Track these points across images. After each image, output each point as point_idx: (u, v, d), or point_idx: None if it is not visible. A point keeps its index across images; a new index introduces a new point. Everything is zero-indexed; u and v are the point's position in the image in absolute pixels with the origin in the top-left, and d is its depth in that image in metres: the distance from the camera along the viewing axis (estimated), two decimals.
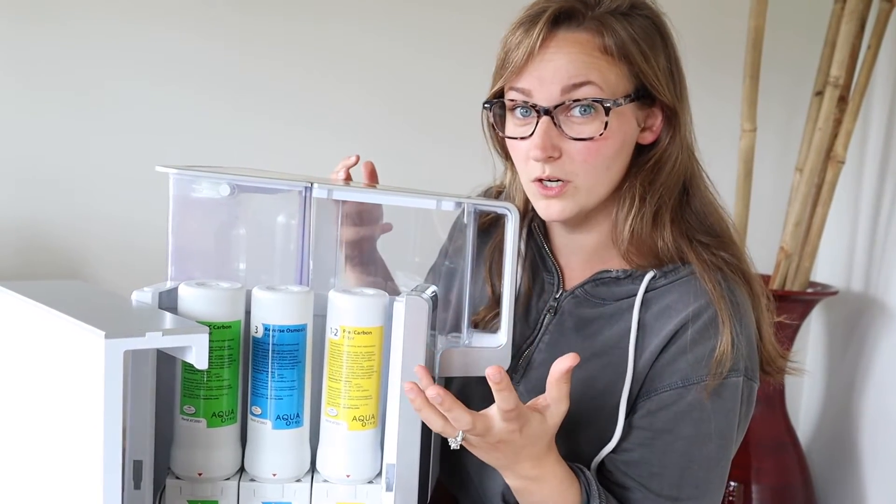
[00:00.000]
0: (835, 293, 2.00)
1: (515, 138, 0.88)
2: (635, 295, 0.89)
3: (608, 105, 0.83)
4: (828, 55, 1.94)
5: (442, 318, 0.88)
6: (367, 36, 2.01)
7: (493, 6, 0.92)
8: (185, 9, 1.94)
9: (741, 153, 1.95)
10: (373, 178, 1.02)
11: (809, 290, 2.00)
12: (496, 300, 0.96)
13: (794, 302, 1.94)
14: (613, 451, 0.86)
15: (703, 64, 2.09)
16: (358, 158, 1.00)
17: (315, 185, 0.85)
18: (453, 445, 0.77)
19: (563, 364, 0.77)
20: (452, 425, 0.76)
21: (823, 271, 2.19)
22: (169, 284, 0.82)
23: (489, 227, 1.02)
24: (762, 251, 2.03)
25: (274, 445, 0.80)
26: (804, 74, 2.05)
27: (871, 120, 2.07)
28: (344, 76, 2.01)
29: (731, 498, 1.91)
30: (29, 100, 1.89)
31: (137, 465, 0.77)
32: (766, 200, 2.09)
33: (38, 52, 1.89)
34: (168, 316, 0.75)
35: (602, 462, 0.87)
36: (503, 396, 0.74)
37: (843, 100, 1.91)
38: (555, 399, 0.78)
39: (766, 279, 1.98)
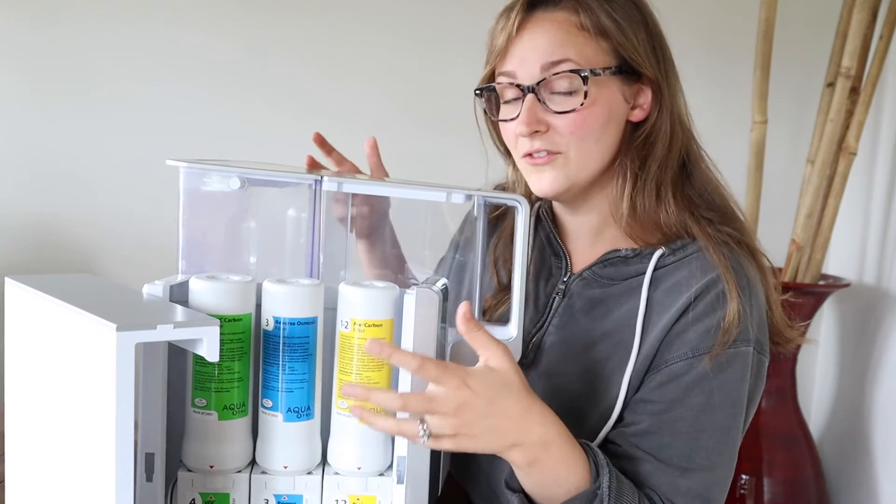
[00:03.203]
0: (847, 286, 1.99)
1: (506, 120, 0.91)
2: (644, 273, 0.89)
3: (585, 74, 0.86)
4: (839, 46, 1.93)
5: (453, 311, 0.88)
6: (375, 32, 2.01)
7: (498, 4, 0.93)
8: (193, 7, 1.94)
9: (752, 145, 1.94)
10: (374, 152, 1.07)
11: (821, 283, 2.00)
12: (502, 288, 0.98)
13: (806, 294, 1.93)
14: (623, 424, 0.86)
15: (713, 56, 2.08)
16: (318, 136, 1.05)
17: (325, 178, 0.85)
18: (422, 443, 0.74)
19: (460, 315, 0.76)
20: (405, 430, 0.74)
21: (835, 263, 2.18)
22: (180, 278, 0.83)
23: (497, 220, 1.04)
24: (773, 243, 2.02)
25: (285, 438, 0.80)
26: (815, 65, 2.04)
27: (883, 111, 2.06)
28: (352, 72, 2.01)
29: (742, 491, 1.90)
30: (41, 98, 1.90)
31: (149, 458, 0.77)
32: (778, 192, 2.08)
33: (50, 51, 1.89)
34: (179, 309, 0.75)
35: (611, 438, 0.86)
36: (397, 360, 0.73)
37: (854, 91, 1.90)
38: (482, 348, 0.76)
39: (777, 272, 1.97)
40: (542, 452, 0.77)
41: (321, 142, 1.06)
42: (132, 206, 1.94)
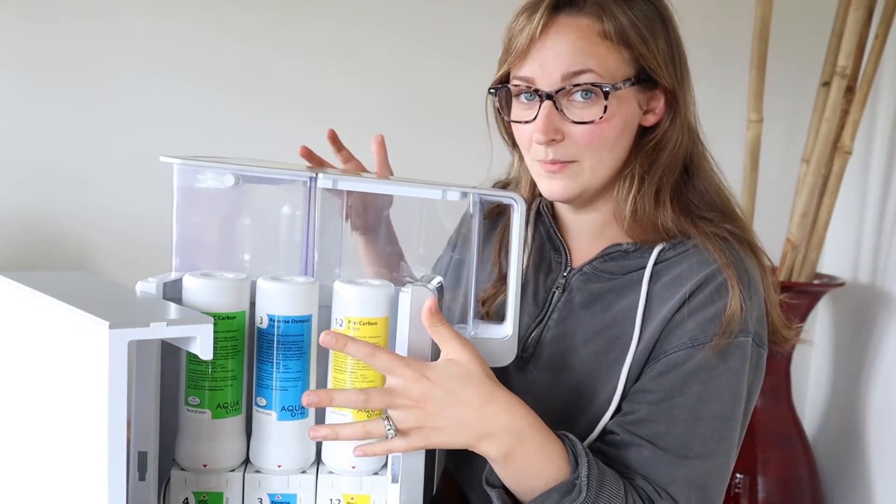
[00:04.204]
0: (841, 285, 1.99)
1: (520, 122, 0.90)
2: (644, 267, 0.89)
3: (607, 89, 0.85)
4: (835, 45, 1.93)
5: (449, 309, 0.88)
6: (372, 30, 2.01)
7: (498, 2, 0.93)
8: (190, 4, 1.93)
9: (747, 144, 1.94)
10: (381, 148, 1.09)
11: (816, 282, 2.00)
12: (501, 278, 0.98)
13: (801, 293, 1.93)
14: (621, 414, 0.86)
15: (709, 54, 2.08)
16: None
17: (320, 176, 0.85)
18: (390, 436, 0.75)
19: (425, 310, 0.77)
20: (372, 430, 0.75)
21: (830, 263, 2.18)
22: (173, 275, 0.82)
23: (498, 215, 1.04)
24: (768, 242, 1.99)
25: (279, 437, 0.80)
26: (811, 65, 2.04)
27: (879, 110, 2.06)
28: (348, 69, 2.01)
29: (737, 490, 1.90)
30: (35, 94, 1.89)
31: (142, 457, 0.77)
32: (773, 191, 2.08)
33: (46, 47, 1.88)
34: (172, 306, 0.74)
35: (609, 427, 0.86)
36: (351, 350, 0.75)
37: (850, 90, 1.90)
38: (444, 342, 0.77)
39: (772, 270, 1.97)
40: (514, 443, 0.77)
41: (334, 138, 1.08)
42: (126, 202, 1.93)
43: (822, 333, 2.24)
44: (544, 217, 1.00)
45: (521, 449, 0.77)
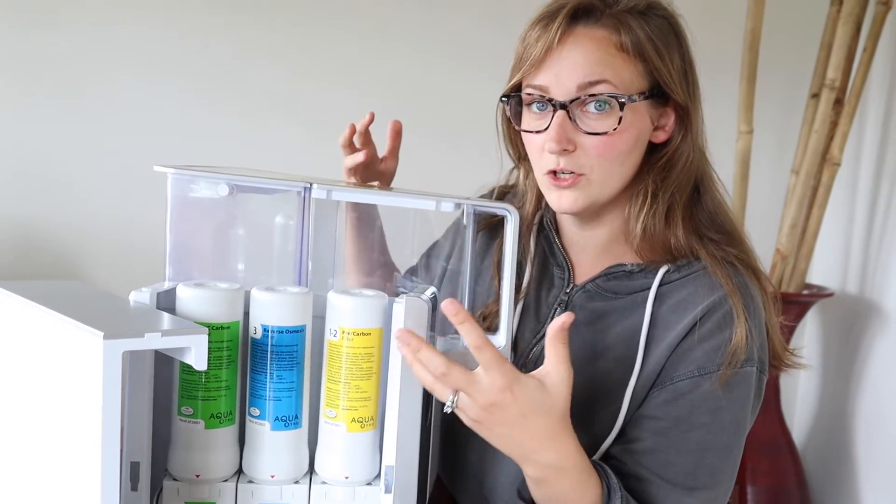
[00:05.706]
0: (830, 295, 2.00)
1: (531, 132, 0.89)
2: (649, 288, 0.89)
3: (623, 101, 0.85)
4: (824, 58, 1.95)
5: (444, 321, 0.88)
6: (366, 37, 2.01)
7: (491, 8, 0.93)
8: (184, 11, 1.93)
9: (737, 155, 1.96)
10: (397, 137, 1.09)
11: (805, 292, 2.01)
12: None
13: (790, 304, 1.94)
14: (626, 440, 0.86)
15: (700, 66, 2.08)
16: (372, 116, 1.06)
17: (314, 186, 0.85)
18: (446, 409, 0.75)
19: (558, 322, 0.76)
20: (439, 390, 0.76)
21: (819, 273, 2.19)
22: (167, 285, 0.82)
23: (497, 225, 1.03)
24: (758, 252, 2.02)
25: (272, 447, 0.80)
26: (800, 77, 2.05)
27: (867, 122, 2.08)
28: (343, 77, 2.01)
29: None
30: (27, 100, 1.89)
31: (134, 467, 0.77)
32: (762, 202, 2.09)
33: (37, 53, 1.88)
34: (166, 316, 0.74)
35: (614, 454, 0.87)
36: (466, 329, 0.74)
37: (839, 102, 1.92)
38: (553, 362, 0.76)
39: (773, 295, 1.98)
40: (552, 475, 0.79)
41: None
42: (119, 211, 1.93)
43: (810, 343, 2.25)
44: (548, 231, 1.00)
45: (557, 481, 0.79)
